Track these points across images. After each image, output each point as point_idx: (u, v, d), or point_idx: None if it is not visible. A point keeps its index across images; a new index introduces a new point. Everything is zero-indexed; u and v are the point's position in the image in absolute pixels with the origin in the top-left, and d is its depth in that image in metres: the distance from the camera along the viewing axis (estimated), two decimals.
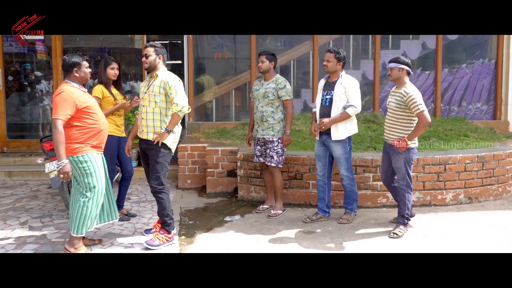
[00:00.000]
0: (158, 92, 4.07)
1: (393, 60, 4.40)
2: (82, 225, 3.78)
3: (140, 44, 7.50)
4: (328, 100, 4.63)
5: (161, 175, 4.08)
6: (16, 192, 6.00)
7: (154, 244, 4.04)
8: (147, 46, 4.18)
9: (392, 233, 4.37)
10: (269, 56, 4.96)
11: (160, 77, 4.11)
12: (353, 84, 4.61)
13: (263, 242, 4.29)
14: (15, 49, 7.70)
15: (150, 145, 4.09)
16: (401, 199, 4.45)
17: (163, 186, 4.10)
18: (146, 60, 4.14)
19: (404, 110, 4.30)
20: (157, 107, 4.09)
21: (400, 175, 4.41)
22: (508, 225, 4.70)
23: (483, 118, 7.50)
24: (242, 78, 7.45)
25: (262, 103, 4.99)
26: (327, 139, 4.67)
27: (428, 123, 4.22)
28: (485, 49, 7.60)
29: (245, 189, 5.65)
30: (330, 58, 4.62)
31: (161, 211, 4.14)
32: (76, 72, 3.81)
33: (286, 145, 4.98)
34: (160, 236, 4.10)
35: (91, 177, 3.78)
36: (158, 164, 4.07)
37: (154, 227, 4.35)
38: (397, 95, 4.36)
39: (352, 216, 4.79)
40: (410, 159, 4.35)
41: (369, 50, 7.44)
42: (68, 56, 3.84)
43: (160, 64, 4.18)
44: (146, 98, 4.14)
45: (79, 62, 3.81)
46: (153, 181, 4.09)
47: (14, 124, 7.75)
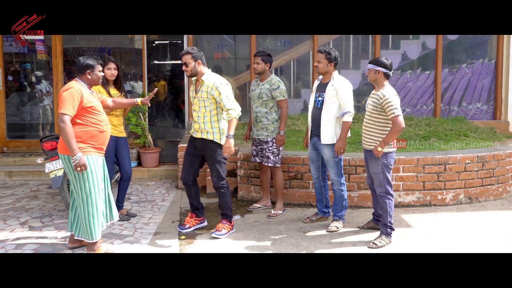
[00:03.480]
0: (206, 97, 4.27)
1: (372, 61, 4.19)
2: (94, 230, 3.76)
3: (140, 44, 7.50)
4: (320, 102, 4.52)
5: (221, 171, 4.38)
6: (16, 192, 5.99)
7: (222, 233, 4.40)
8: (184, 54, 4.30)
9: (372, 243, 4.11)
10: (264, 57, 4.97)
11: (206, 83, 4.27)
12: (344, 87, 4.43)
13: (263, 242, 4.29)
14: (15, 49, 7.69)
15: (207, 145, 4.35)
16: (382, 206, 4.19)
17: (224, 180, 4.42)
18: (187, 68, 4.29)
19: (380, 113, 4.10)
20: (207, 111, 4.29)
21: (378, 182, 4.19)
22: (508, 225, 4.70)
23: (483, 118, 7.50)
24: (242, 78, 7.45)
25: (256, 104, 5.02)
26: (317, 141, 4.58)
27: (401, 128, 4.00)
28: (485, 49, 7.60)
29: (245, 189, 5.65)
30: (320, 59, 4.48)
31: (223, 204, 4.46)
32: (89, 74, 3.82)
33: (280, 145, 4.98)
34: (225, 226, 4.46)
35: (87, 180, 3.72)
36: (216, 163, 4.35)
37: (186, 222, 4.62)
38: (374, 97, 4.16)
39: (341, 223, 4.61)
40: (388, 163, 4.15)
41: (369, 50, 7.43)
42: (83, 57, 3.86)
43: (201, 69, 4.31)
44: (196, 103, 4.36)
45: (93, 65, 3.82)
46: (214, 178, 4.40)
47: (14, 124, 7.74)
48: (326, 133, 4.48)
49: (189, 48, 4.37)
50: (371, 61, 4.22)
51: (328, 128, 4.47)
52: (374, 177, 4.24)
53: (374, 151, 4.13)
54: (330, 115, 4.46)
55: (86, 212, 3.73)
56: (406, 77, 7.46)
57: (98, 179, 3.79)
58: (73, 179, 3.75)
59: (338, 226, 4.58)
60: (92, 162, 3.74)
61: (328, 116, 4.46)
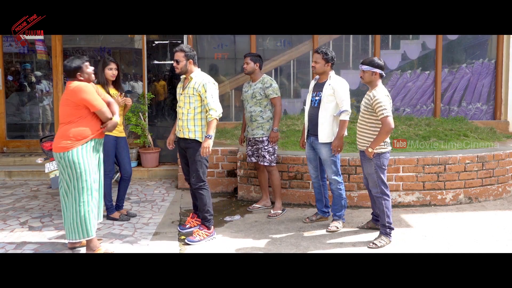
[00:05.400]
0: (192, 94, 4.23)
1: (366, 63, 4.13)
2: (89, 227, 3.75)
3: (140, 44, 7.50)
4: (317, 101, 4.54)
5: (200, 172, 4.28)
6: (16, 192, 5.99)
7: (195, 240, 4.23)
8: (177, 51, 4.27)
9: (372, 243, 4.13)
10: (253, 57, 5.03)
11: (194, 80, 4.25)
12: (341, 86, 4.44)
13: (263, 242, 4.29)
14: (15, 49, 7.69)
15: (188, 144, 4.28)
16: (378, 207, 4.21)
17: (203, 183, 4.30)
18: (178, 65, 4.26)
19: (371, 114, 4.10)
20: (191, 108, 4.24)
21: (372, 182, 4.19)
22: (508, 225, 4.70)
23: (483, 118, 7.50)
24: (242, 78, 7.43)
25: (250, 103, 5.05)
26: (314, 141, 4.59)
27: (390, 129, 4.01)
28: (485, 49, 7.60)
29: (245, 189, 5.65)
30: (318, 59, 4.49)
31: (201, 207, 4.33)
32: (80, 75, 3.79)
33: (274, 142, 5.00)
34: (200, 232, 4.29)
35: (80, 176, 3.71)
36: (196, 163, 4.26)
37: (187, 222, 4.60)
38: (367, 98, 4.17)
39: (341, 223, 4.62)
40: (381, 164, 4.14)
41: (369, 50, 7.43)
42: (68, 61, 3.80)
43: (191, 68, 4.29)
44: (182, 100, 4.32)
45: (80, 66, 3.78)
46: (193, 178, 4.31)
47: (14, 124, 7.74)
48: (323, 132, 4.49)
49: (183, 45, 4.34)
50: (366, 62, 4.15)
51: (325, 127, 4.49)
52: (368, 177, 4.25)
53: (365, 151, 4.15)
54: (327, 114, 4.48)
55: (81, 208, 3.71)
56: (406, 77, 7.46)
57: (92, 171, 3.78)
58: (67, 177, 3.75)
59: (338, 226, 4.58)
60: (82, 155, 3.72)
61: (326, 115, 4.48)
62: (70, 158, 3.69)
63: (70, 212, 3.76)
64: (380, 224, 4.24)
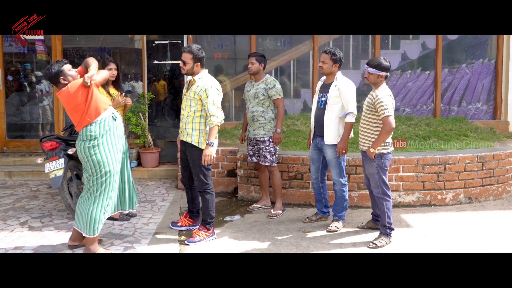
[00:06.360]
0: (193, 97, 4.17)
1: (373, 65, 4.09)
2: (97, 226, 3.75)
3: (140, 44, 7.50)
4: (323, 102, 4.51)
5: (201, 175, 4.23)
6: (16, 192, 5.99)
7: (194, 241, 4.22)
8: (185, 52, 4.18)
9: (372, 243, 4.13)
10: (259, 58, 5.01)
11: (197, 83, 4.18)
12: (348, 87, 4.41)
13: (263, 242, 4.29)
14: (15, 49, 7.69)
15: (187, 147, 4.25)
16: (379, 208, 4.21)
17: (207, 185, 4.25)
18: (184, 67, 4.20)
19: (373, 113, 4.10)
20: (191, 111, 4.20)
21: (374, 183, 4.20)
22: (508, 225, 4.70)
23: (483, 118, 7.49)
24: (242, 78, 7.44)
25: (253, 103, 5.03)
26: (320, 142, 4.57)
27: (391, 129, 4.00)
28: (485, 49, 7.60)
29: (245, 189, 5.65)
30: (325, 60, 4.45)
31: (205, 209, 4.30)
32: (64, 79, 3.74)
33: (277, 143, 5.00)
34: (200, 233, 4.28)
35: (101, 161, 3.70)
36: (196, 167, 4.22)
37: (180, 221, 4.63)
38: (369, 98, 4.17)
39: (341, 223, 4.62)
40: (383, 165, 4.13)
41: (369, 50, 7.43)
42: (47, 69, 3.78)
43: (199, 70, 4.22)
44: (184, 101, 4.29)
45: (61, 69, 3.73)
46: (196, 182, 4.30)
47: (14, 124, 7.74)
48: (329, 134, 4.48)
49: (193, 46, 4.20)
50: (373, 65, 4.10)
51: (331, 128, 4.47)
52: (370, 178, 4.25)
53: (367, 152, 4.15)
54: (333, 116, 4.46)
55: (95, 204, 3.71)
56: (406, 77, 7.45)
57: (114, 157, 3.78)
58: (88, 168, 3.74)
59: (338, 226, 4.58)
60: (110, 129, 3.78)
61: (331, 117, 4.47)
62: (89, 132, 3.68)
63: (87, 201, 3.76)
64: (381, 224, 4.24)
